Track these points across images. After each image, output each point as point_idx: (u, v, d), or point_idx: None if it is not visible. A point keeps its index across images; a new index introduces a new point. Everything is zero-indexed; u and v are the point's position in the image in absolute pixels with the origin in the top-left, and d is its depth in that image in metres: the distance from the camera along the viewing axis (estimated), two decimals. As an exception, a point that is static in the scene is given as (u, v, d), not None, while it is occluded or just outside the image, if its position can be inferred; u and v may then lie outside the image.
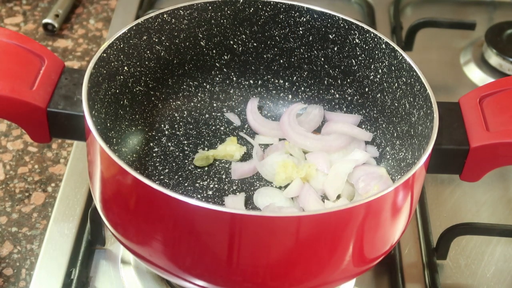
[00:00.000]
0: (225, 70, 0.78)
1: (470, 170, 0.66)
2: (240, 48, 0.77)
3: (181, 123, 0.78)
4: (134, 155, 0.74)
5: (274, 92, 0.80)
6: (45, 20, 1.02)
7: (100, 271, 0.73)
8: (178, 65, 0.76)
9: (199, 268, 0.58)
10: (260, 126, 0.78)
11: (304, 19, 0.74)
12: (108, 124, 0.70)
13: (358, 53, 0.73)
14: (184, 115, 0.79)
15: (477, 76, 1.00)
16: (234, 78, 0.79)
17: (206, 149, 0.77)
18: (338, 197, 0.71)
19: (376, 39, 0.71)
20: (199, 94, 0.80)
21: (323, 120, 0.78)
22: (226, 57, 0.78)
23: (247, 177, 0.74)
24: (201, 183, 0.73)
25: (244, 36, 0.76)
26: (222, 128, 0.79)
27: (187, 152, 0.76)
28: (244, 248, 0.56)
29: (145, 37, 0.71)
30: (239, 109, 0.80)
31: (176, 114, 0.79)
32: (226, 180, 0.74)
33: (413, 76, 0.67)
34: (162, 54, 0.74)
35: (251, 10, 0.75)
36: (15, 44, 0.68)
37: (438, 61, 1.02)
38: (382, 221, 0.59)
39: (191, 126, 0.78)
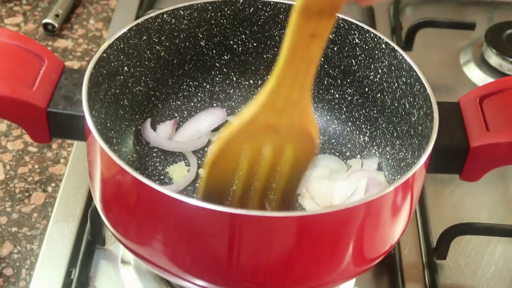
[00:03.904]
0: (225, 70, 0.78)
1: (470, 170, 0.66)
2: (240, 48, 0.77)
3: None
4: (134, 155, 0.74)
5: (274, 92, 0.80)
6: (45, 20, 1.02)
7: (100, 271, 0.72)
8: (178, 65, 0.76)
9: (199, 268, 0.58)
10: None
11: (304, 19, 0.74)
12: (108, 124, 0.70)
13: (358, 53, 0.73)
14: (184, 115, 0.79)
15: (477, 76, 1.00)
16: (234, 78, 0.79)
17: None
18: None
19: (376, 39, 0.71)
20: (199, 94, 0.80)
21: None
22: (226, 57, 0.78)
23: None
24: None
25: (244, 36, 0.76)
26: (222, 128, 0.79)
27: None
28: (244, 248, 0.56)
29: (145, 37, 0.71)
30: (239, 109, 0.80)
31: (176, 114, 0.79)
32: (226, 180, 0.74)
33: (413, 76, 0.67)
34: (162, 54, 0.74)
35: (251, 10, 0.75)
36: (15, 45, 0.68)
37: (438, 61, 1.02)
38: (382, 221, 0.59)
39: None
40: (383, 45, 0.70)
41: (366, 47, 0.72)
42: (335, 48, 0.74)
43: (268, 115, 0.55)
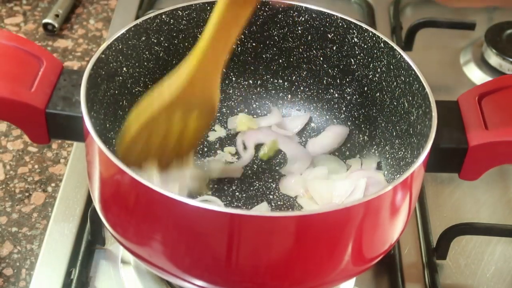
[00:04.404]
0: (224, 70, 0.78)
1: (469, 168, 0.66)
2: (239, 48, 0.77)
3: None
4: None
5: (273, 92, 0.80)
6: (45, 20, 1.02)
7: (100, 271, 0.73)
8: (177, 65, 0.76)
9: (199, 268, 0.58)
10: None
11: (303, 19, 0.74)
12: (107, 125, 0.70)
13: (357, 52, 0.73)
14: (184, 115, 0.79)
15: (477, 76, 0.99)
16: (233, 78, 0.79)
17: (205, 153, 0.77)
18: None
19: (374, 38, 0.71)
20: (199, 94, 0.79)
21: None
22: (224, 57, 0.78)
23: (246, 178, 0.74)
24: (200, 183, 0.73)
25: (243, 36, 0.76)
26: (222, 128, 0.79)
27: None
28: (244, 248, 0.56)
29: (144, 38, 0.71)
30: (238, 109, 0.80)
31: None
32: (226, 180, 0.74)
33: (411, 75, 0.67)
34: (161, 54, 0.74)
35: (250, 10, 0.75)
36: (14, 46, 0.68)
37: (438, 61, 1.02)
38: (381, 220, 0.59)
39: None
40: (382, 44, 0.70)
41: (365, 46, 0.72)
42: (334, 48, 0.74)
43: (191, 88, 0.64)
